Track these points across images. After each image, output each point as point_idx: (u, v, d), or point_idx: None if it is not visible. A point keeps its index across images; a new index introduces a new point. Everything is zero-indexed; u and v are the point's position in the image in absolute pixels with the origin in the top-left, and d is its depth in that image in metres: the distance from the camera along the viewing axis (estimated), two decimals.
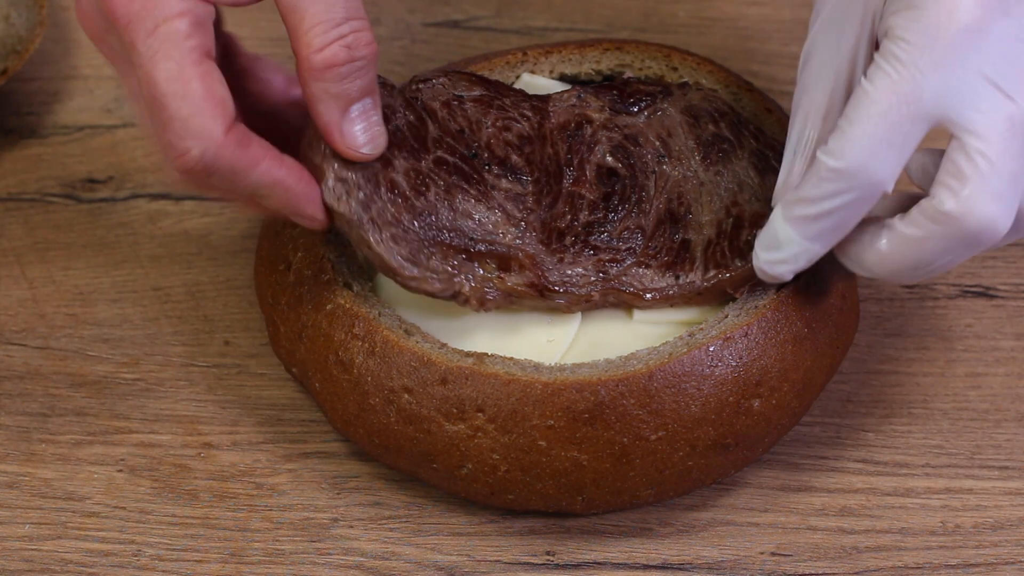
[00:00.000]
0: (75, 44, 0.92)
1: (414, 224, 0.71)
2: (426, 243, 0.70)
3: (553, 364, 0.69)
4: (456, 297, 0.70)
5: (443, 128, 0.73)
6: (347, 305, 0.71)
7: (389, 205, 0.70)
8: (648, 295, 0.71)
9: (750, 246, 0.71)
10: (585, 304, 0.71)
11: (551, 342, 0.71)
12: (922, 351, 0.79)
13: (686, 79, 0.79)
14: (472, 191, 0.72)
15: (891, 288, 0.81)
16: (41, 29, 0.87)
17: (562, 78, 0.80)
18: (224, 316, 0.80)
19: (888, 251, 0.67)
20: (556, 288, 0.71)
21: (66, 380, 0.77)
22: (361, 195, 0.69)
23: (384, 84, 0.72)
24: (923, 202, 0.66)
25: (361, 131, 0.69)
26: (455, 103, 0.74)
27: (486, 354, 0.69)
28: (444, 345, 0.70)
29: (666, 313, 0.72)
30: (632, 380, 0.68)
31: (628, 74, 0.79)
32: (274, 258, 0.75)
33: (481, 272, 0.71)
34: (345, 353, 0.70)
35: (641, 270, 0.72)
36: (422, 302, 0.72)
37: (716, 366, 0.69)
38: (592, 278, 0.71)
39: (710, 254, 0.72)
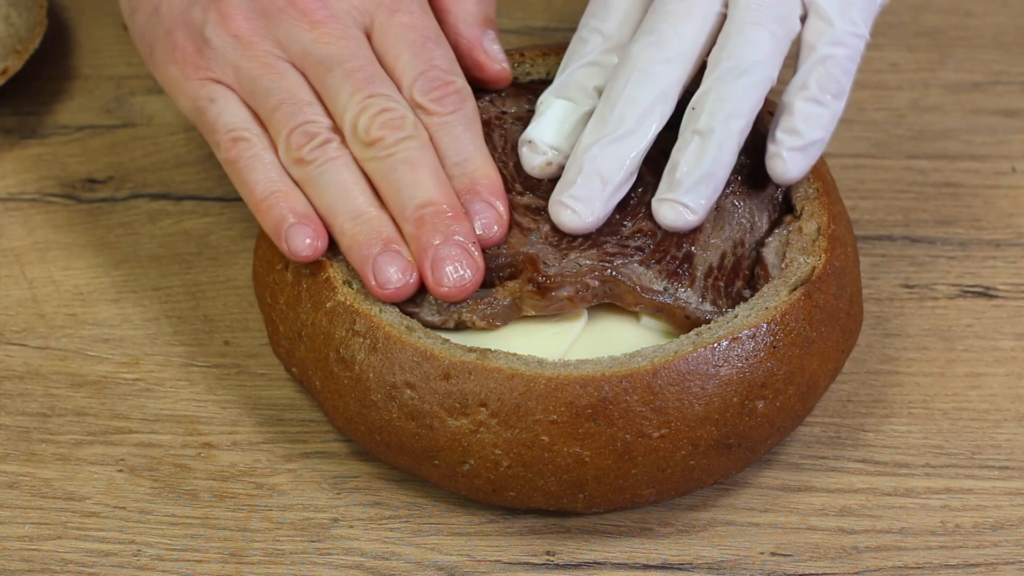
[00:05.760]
0: (75, 44, 0.92)
1: None
2: None
3: (557, 360, 0.69)
4: (459, 325, 0.71)
5: None
6: (348, 302, 0.71)
7: None
8: (646, 295, 0.71)
9: (742, 297, 0.72)
10: (585, 294, 0.71)
11: (556, 335, 0.71)
12: (922, 351, 0.79)
13: None
14: None
15: (891, 288, 0.81)
16: (41, 29, 0.87)
17: None
18: (224, 316, 0.80)
19: None
20: (555, 279, 0.71)
21: (66, 380, 0.77)
22: None
23: None
24: None
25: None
26: (496, 122, 0.76)
27: (489, 349, 0.69)
28: (447, 341, 0.70)
29: None
30: (636, 377, 0.68)
31: None
32: (272, 258, 0.75)
33: (483, 290, 0.71)
34: (346, 350, 0.70)
35: (642, 268, 0.72)
36: None
37: (721, 365, 0.69)
38: (593, 265, 0.71)
39: (710, 282, 0.72)
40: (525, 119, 0.76)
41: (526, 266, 0.71)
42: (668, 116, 0.72)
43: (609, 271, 0.71)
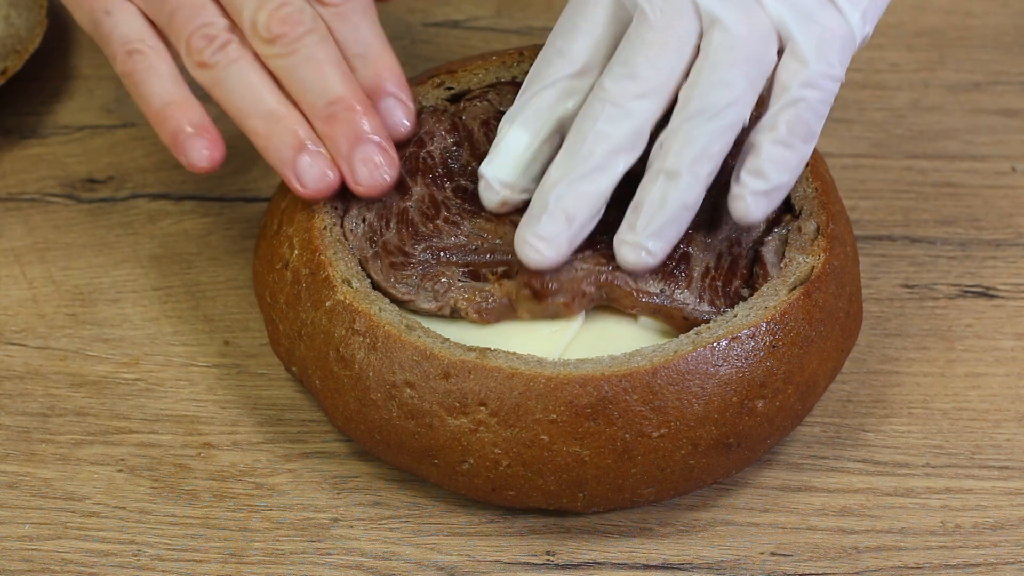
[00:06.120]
0: (75, 44, 0.92)
1: (416, 248, 0.72)
2: (426, 264, 0.72)
3: (556, 359, 0.69)
4: (454, 312, 0.71)
5: (474, 151, 0.75)
6: (347, 301, 0.71)
7: (395, 237, 0.73)
8: (643, 297, 0.71)
9: (740, 297, 0.71)
10: (581, 300, 0.71)
11: (553, 333, 0.71)
12: (922, 351, 0.79)
13: None
14: (484, 213, 0.73)
15: (891, 288, 0.81)
16: (41, 29, 0.87)
17: None
18: (224, 316, 0.80)
19: None
20: (551, 286, 0.71)
21: (66, 380, 0.77)
22: (370, 229, 0.73)
23: (435, 110, 0.76)
24: None
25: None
26: (494, 121, 0.76)
27: (489, 348, 0.69)
28: (446, 340, 0.70)
29: None
30: (636, 376, 0.68)
31: None
32: (271, 257, 0.75)
33: (480, 283, 0.71)
34: (346, 349, 0.70)
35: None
36: None
37: (721, 365, 0.69)
38: (590, 270, 0.71)
39: (707, 282, 0.72)
40: None
41: (523, 268, 0.71)
42: (641, 152, 0.70)
43: (605, 276, 0.71)
